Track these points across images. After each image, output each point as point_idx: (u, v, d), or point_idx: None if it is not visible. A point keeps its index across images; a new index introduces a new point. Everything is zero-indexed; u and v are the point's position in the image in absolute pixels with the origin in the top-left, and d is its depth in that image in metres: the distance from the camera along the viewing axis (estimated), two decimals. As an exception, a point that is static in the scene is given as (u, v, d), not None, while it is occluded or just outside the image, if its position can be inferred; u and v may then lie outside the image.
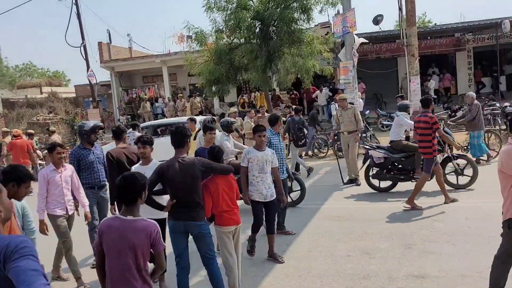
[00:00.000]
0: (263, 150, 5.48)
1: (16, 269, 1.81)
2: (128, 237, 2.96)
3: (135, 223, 3.01)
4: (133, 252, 2.97)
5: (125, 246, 2.95)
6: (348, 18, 14.77)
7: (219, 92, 17.37)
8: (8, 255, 1.85)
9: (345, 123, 9.89)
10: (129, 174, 3.21)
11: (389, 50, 20.69)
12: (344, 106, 10.01)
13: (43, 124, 22.21)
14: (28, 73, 57.88)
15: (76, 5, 22.75)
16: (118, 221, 3.03)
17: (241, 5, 15.11)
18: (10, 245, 1.88)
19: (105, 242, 3.01)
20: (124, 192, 3.05)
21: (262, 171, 5.43)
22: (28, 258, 1.86)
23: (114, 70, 24.93)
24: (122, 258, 2.97)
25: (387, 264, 5.20)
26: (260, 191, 5.45)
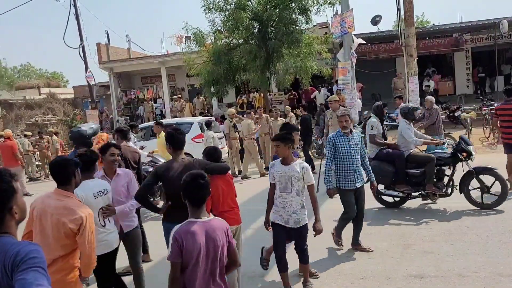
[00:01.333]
0: (289, 164, 4.50)
1: (22, 282, 1.76)
2: (213, 238, 2.84)
3: (212, 223, 2.91)
4: (219, 254, 2.87)
5: (212, 249, 2.83)
6: (346, 18, 14.79)
7: (217, 92, 17.39)
8: (17, 264, 1.81)
9: (335, 127, 9.02)
10: (196, 173, 3.01)
11: (387, 50, 20.71)
12: (335, 108, 9.64)
13: (42, 125, 22.19)
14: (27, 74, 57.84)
15: (74, 6, 22.71)
16: (196, 224, 2.85)
17: (240, 6, 15.13)
18: (19, 253, 1.84)
19: (190, 249, 2.77)
20: (196, 192, 2.91)
21: (285, 191, 4.50)
22: (36, 270, 1.80)
23: (112, 71, 24.91)
24: (211, 263, 2.84)
25: (386, 264, 5.21)
26: (280, 213, 4.59)
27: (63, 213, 3.22)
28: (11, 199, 2.00)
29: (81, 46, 23.15)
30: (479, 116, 14.41)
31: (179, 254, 2.77)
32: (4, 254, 1.85)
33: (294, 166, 4.47)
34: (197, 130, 13.61)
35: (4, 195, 1.99)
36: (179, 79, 25.69)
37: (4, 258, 1.84)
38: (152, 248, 6.15)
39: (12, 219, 2.01)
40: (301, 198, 4.51)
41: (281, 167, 4.52)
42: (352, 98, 14.95)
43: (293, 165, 4.48)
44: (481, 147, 13.20)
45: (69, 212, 3.22)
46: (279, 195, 4.55)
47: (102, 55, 25.35)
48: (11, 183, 2.03)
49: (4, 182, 2.01)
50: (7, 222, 1.98)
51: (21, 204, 2.07)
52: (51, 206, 3.25)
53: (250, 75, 16.27)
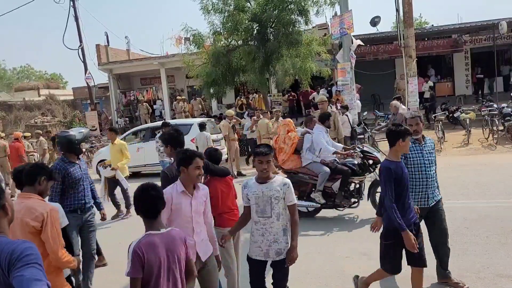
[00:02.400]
0: (267, 182, 3.69)
1: (20, 278, 1.77)
2: (173, 249, 2.76)
3: (171, 233, 2.83)
4: (179, 266, 2.80)
5: (172, 261, 2.75)
6: (345, 19, 14.84)
7: (217, 94, 17.40)
8: (13, 262, 1.82)
9: None
10: (146, 185, 2.89)
11: (386, 51, 20.72)
12: (323, 110, 9.01)
13: (41, 127, 22.17)
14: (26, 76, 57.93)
15: (73, 8, 22.77)
16: (156, 236, 2.75)
17: (239, 8, 15.16)
18: (15, 251, 1.85)
19: (152, 263, 2.66)
20: (148, 204, 2.81)
21: (263, 215, 3.68)
22: (32, 266, 1.82)
23: (112, 72, 24.92)
24: (172, 275, 2.76)
25: (385, 265, 5.19)
26: (258, 244, 3.75)
27: (25, 213, 3.23)
28: (2, 197, 2.02)
29: (81, 47, 23.20)
30: (478, 117, 14.42)
31: (140, 269, 2.64)
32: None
33: (273, 185, 3.66)
34: (196, 132, 13.60)
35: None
36: (179, 80, 25.70)
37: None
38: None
39: (5, 217, 2.02)
40: (283, 222, 3.70)
41: (257, 187, 3.69)
42: (352, 99, 14.98)
43: (271, 183, 3.66)
44: (481, 148, 13.22)
45: (29, 211, 3.24)
46: (256, 221, 3.74)
47: (102, 56, 25.36)
48: (1, 182, 2.10)
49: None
50: (0, 221, 2.01)
51: (11, 203, 2.09)
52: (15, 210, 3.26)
53: (249, 76, 16.28)
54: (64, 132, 5.42)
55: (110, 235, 7.81)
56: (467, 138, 13.85)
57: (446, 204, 7.36)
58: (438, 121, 14.07)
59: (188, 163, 3.54)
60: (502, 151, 12.60)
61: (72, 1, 22.78)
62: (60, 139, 5.21)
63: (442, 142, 13.68)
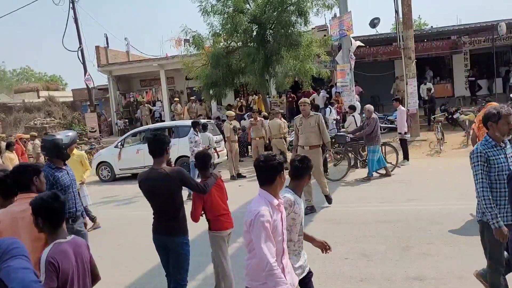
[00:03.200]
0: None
1: (8, 269, 1.83)
2: (81, 255, 2.74)
3: (76, 240, 2.81)
4: (88, 271, 2.79)
5: (81, 267, 2.73)
6: (344, 21, 14.85)
7: (216, 95, 17.39)
8: (0, 256, 1.88)
9: (306, 135, 7.89)
10: (46, 196, 2.73)
11: (386, 53, 20.74)
12: (306, 114, 7.99)
13: (41, 129, 22.18)
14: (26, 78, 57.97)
15: (73, 10, 22.80)
16: (65, 244, 2.69)
17: (238, 9, 15.15)
18: (0, 247, 1.91)
19: (66, 270, 2.61)
20: (52, 216, 2.69)
21: (302, 233, 3.36)
22: (19, 258, 1.88)
23: (111, 74, 24.92)
24: (82, 280, 2.74)
25: (385, 267, 5.20)
26: (299, 263, 3.31)
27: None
28: None
29: (80, 49, 23.23)
30: (478, 118, 14.42)
31: (55, 279, 2.56)
32: None
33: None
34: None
35: None
36: (178, 82, 25.71)
37: None
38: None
39: None
40: None
41: (301, 202, 3.29)
42: (351, 101, 14.99)
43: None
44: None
45: None
46: (297, 240, 3.28)
47: (101, 58, 25.38)
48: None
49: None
50: None
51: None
52: (17, 212, 3.17)
53: (249, 77, 16.28)
54: (50, 135, 4.97)
55: (110, 236, 7.81)
56: (467, 139, 13.85)
57: (446, 206, 7.40)
58: (437, 122, 14.08)
59: (280, 169, 2.98)
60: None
61: (71, 2, 22.82)
62: (45, 143, 4.81)
63: (442, 144, 13.69)
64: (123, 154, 13.87)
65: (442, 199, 7.96)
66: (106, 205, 10.95)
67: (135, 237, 7.55)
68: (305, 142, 7.85)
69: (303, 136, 7.88)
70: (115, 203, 10.94)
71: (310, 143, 7.83)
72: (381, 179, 10.51)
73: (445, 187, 8.81)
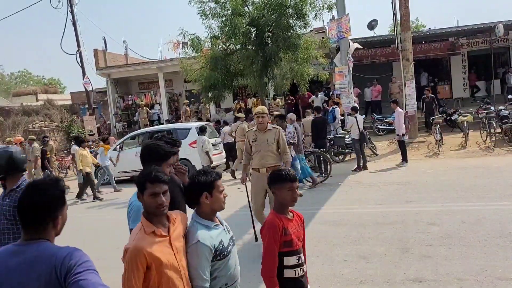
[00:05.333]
0: None
1: (85, 282, 1.77)
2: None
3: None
4: None
5: None
6: (342, 23, 14.89)
7: (215, 98, 17.40)
8: (72, 267, 1.82)
9: (261, 154, 6.20)
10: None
11: (384, 55, 20.77)
12: (263, 127, 6.23)
13: (39, 132, 22.15)
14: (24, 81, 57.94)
15: (71, 13, 22.81)
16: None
17: (237, 12, 15.17)
18: (72, 256, 1.85)
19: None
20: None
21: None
22: (93, 272, 1.83)
23: (110, 77, 24.92)
24: None
25: (384, 269, 5.20)
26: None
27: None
28: (59, 209, 2.00)
29: (78, 52, 23.22)
30: (476, 120, 14.46)
31: None
32: (50, 257, 1.86)
33: None
34: (194, 136, 13.62)
35: (55, 201, 1.99)
36: (177, 84, 25.71)
37: (54, 261, 1.84)
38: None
39: (53, 229, 2.00)
40: None
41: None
42: (349, 103, 15.00)
43: None
44: (478, 150, 13.24)
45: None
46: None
47: (100, 61, 25.37)
48: (64, 193, 2.04)
49: (59, 190, 2.01)
50: (49, 230, 1.98)
51: (65, 217, 2.06)
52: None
53: (248, 80, 16.29)
54: (3, 149, 3.59)
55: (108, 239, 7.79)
56: (465, 141, 13.89)
57: (445, 207, 7.40)
58: (436, 124, 14.09)
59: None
60: (500, 153, 12.63)
61: (70, 6, 22.82)
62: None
63: (440, 145, 13.71)
64: (122, 157, 13.88)
65: (441, 200, 7.96)
66: (104, 208, 10.94)
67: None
68: (260, 164, 6.18)
69: (258, 155, 6.21)
70: (113, 206, 10.93)
71: (266, 165, 6.13)
72: (381, 180, 10.51)
73: (444, 189, 8.82)
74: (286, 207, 2.94)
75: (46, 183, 2.01)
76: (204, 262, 2.49)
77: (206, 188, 2.61)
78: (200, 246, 2.48)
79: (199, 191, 2.61)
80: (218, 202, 2.65)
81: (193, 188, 2.66)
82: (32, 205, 1.94)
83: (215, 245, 2.54)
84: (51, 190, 1.98)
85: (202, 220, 2.61)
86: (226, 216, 4.60)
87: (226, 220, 2.72)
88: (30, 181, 2.16)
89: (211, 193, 2.62)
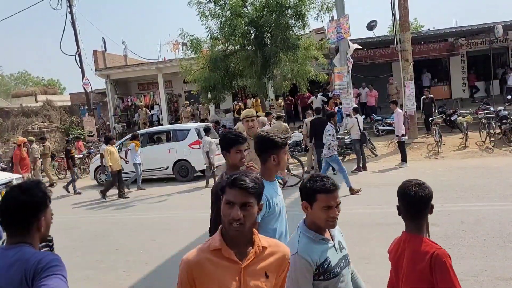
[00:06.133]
0: None
1: (46, 287, 1.77)
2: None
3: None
4: None
5: None
6: (342, 24, 14.88)
7: (214, 99, 17.39)
8: (38, 271, 1.82)
9: (255, 163, 4.80)
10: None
11: (383, 55, 20.78)
12: (251, 132, 4.97)
13: (38, 133, 22.14)
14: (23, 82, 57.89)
15: (71, 14, 22.79)
16: None
17: (236, 13, 15.18)
18: (41, 261, 1.85)
19: None
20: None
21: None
22: (57, 277, 1.81)
23: (109, 78, 24.90)
24: None
25: (384, 269, 5.17)
26: None
27: None
28: (42, 211, 2.00)
29: (78, 53, 23.20)
30: (475, 120, 14.46)
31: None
32: (25, 262, 1.86)
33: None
34: (194, 137, 13.62)
35: (37, 204, 1.99)
36: (176, 85, 25.70)
37: (25, 266, 1.84)
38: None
39: (37, 232, 2.00)
40: None
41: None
42: (349, 104, 15.00)
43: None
44: (478, 151, 13.24)
45: None
46: None
47: (99, 62, 25.37)
48: (46, 196, 2.04)
49: (41, 192, 2.02)
50: (31, 233, 1.98)
51: (48, 220, 2.06)
52: None
53: (247, 81, 16.29)
54: None
55: (107, 240, 7.79)
56: (465, 141, 13.88)
57: (444, 208, 7.39)
58: (435, 125, 14.09)
59: None
60: (499, 154, 12.62)
61: (69, 7, 22.80)
62: None
63: (440, 146, 13.70)
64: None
65: (440, 201, 7.94)
66: (103, 209, 10.92)
67: (133, 241, 7.53)
68: None
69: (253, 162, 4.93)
70: (113, 207, 10.92)
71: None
72: (380, 180, 10.51)
73: (443, 189, 8.81)
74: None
75: (29, 185, 2.03)
76: (301, 277, 2.20)
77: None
78: (298, 259, 2.21)
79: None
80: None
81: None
82: (18, 205, 1.95)
83: (317, 261, 2.24)
84: (35, 191, 2.00)
85: (308, 231, 2.34)
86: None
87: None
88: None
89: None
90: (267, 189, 2.40)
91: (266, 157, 2.90)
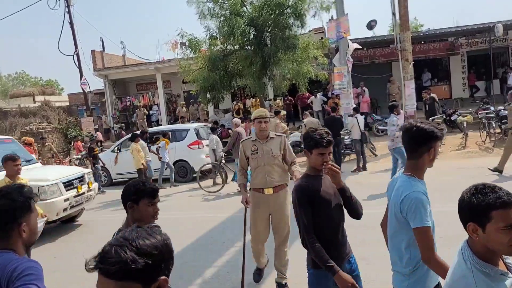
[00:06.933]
0: None
1: None
2: None
3: None
4: None
5: None
6: (341, 23, 14.84)
7: (213, 99, 17.34)
8: (12, 280, 1.77)
9: (265, 170, 4.73)
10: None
11: (383, 55, 20.75)
12: (264, 134, 4.73)
13: (37, 133, 22.05)
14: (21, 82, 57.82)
15: (68, 14, 22.71)
16: None
17: (235, 12, 15.12)
18: (17, 269, 1.80)
19: None
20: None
21: None
22: (31, 286, 1.77)
23: (107, 78, 24.86)
24: None
25: (385, 270, 5.11)
26: None
27: None
28: (23, 215, 1.95)
29: (76, 53, 23.13)
30: (476, 120, 14.42)
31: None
32: (2, 268, 1.81)
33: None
34: (193, 137, 13.57)
35: (17, 209, 1.94)
36: (175, 85, 25.66)
37: (1, 273, 1.80)
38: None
39: (19, 237, 1.94)
40: None
41: None
42: (349, 103, 14.95)
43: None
44: (478, 150, 13.20)
45: None
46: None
47: (97, 62, 25.31)
48: (29, 200, 1.98)
49: (22, 196, 1.97)
50: (13, 238, 1.92)
51: (33, 225, 2.00)
52: None
53: (247, 80, 16.23)
54: None
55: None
56: (465, 141, 13.84)
57: (444, 208, 7.32)
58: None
59: None
60: (499, 154, 12.53)
61: (67, 7, 22.73)
62: None
63: (440, 145, 13.62)
64: (120, 158, 13.81)
65: (440, 201, 7.89)
66: (103, 209, 10.86)
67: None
68: (264, 182, 4.72)
69: (261, 171, 4.73)
70: (112, 208, 10.85)
71: (273, 183, 4.72)
72: (380, 180, 10.44)
73: (444, 189, 8.75)
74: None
75: (10, 189, 1.99)
76: None
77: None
78: None
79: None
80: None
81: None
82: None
83: None
84: (15, 196, 1.95)
85: (482, 264, 1.89)
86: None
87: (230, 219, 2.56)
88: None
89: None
90: (423, 187, 2.55)
91: (423, 151, 2.67)
